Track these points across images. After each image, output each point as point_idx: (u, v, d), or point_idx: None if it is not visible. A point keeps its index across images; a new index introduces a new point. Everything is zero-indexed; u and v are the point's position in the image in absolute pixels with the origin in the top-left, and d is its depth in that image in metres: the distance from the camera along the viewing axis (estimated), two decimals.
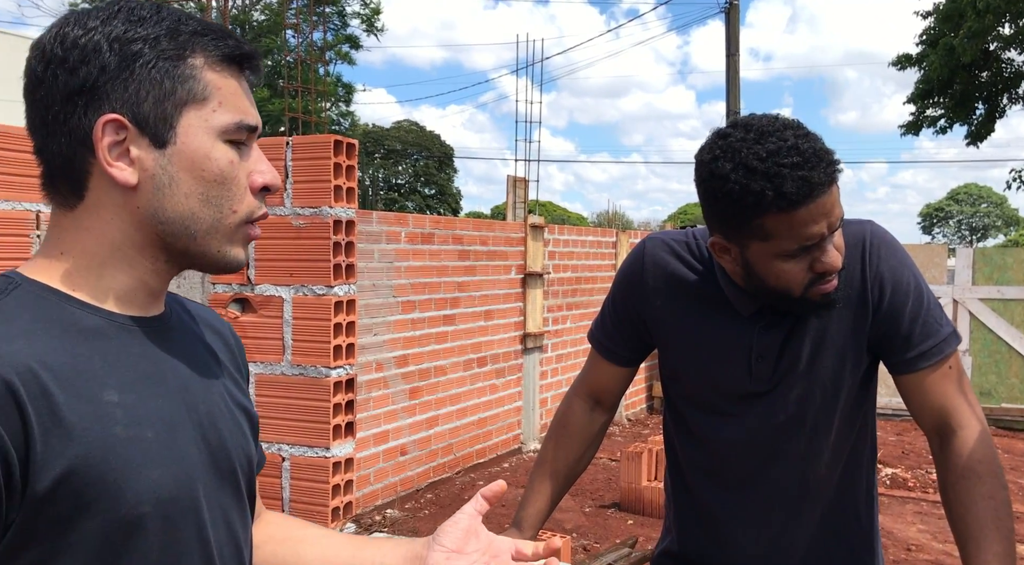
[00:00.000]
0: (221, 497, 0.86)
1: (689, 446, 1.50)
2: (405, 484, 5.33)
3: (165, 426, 0.79)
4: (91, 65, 0.77)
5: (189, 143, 0.80)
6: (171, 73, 0.79)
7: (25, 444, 0.69)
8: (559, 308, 7.09)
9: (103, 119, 0.77)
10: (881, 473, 6.11)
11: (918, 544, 4.67)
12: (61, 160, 0.79)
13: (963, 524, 1.23)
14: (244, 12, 27.96)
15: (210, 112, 0.80)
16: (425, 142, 37.87)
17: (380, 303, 4.97)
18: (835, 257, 1.26)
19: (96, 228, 0.80)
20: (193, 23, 0.81)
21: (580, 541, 4.58)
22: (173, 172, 0.80)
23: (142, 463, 0.75)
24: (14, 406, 0.69)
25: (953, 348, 1.35)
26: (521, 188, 7.12)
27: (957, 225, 64.31)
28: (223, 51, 0.81)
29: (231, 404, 0.91)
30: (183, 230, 0.81)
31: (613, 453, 6.16)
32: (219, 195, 0.81)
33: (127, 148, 0.78)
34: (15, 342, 0.72)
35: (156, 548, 0.77)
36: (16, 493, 0.69)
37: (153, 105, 0.78)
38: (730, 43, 14.10)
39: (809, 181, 1.17)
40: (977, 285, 8.32)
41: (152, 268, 0.83)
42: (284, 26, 16.18)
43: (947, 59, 12.48)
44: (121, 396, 0.76)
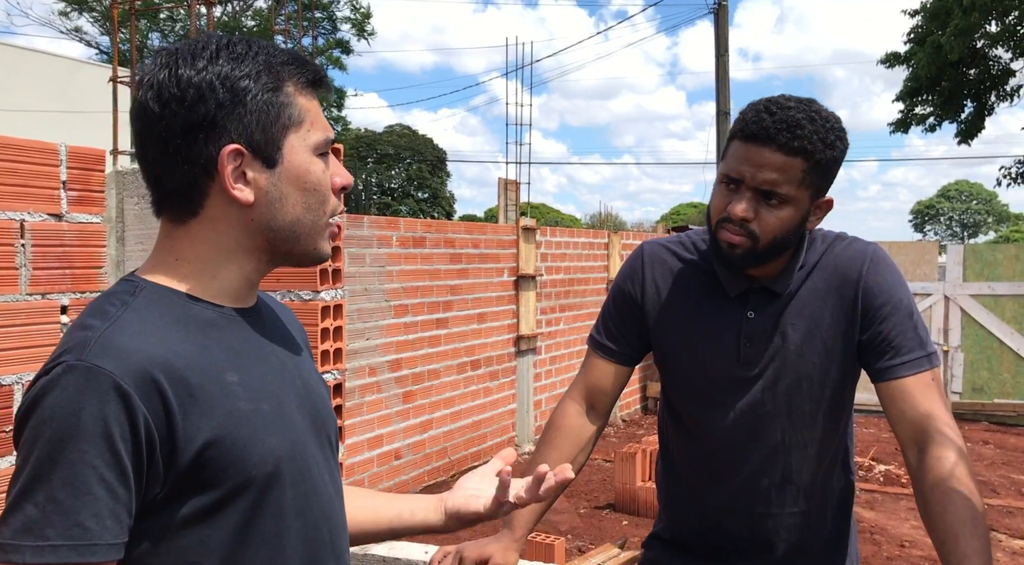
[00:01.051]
0: (323, 457, 1.00)
1: (680, 433, 1.56)
2: (400, 488, 5.32)
3: (275, 400, 0.93)
4: (208, 102, 0.89)
5: (293, 161, 0.93)
6: (273, 102, 0.92)
7: (168, 425, 0.82)
8: (552, 310, 7.10)
9: (227, 150, 0.89)
10: (874, 470, 6.13)
11: (911, 540, 4.69)
12: (183, 185, 0.91)
13: (942, 523, 1.25)
14: (234, 18, 27.94)
15: (306, 132, 0.94)
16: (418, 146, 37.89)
17: (373, 307, 4.97)
18: (741, 206, 1.35)
19: (211, 239, 0.93)
20: (280, 55, 0.94)
21: (575, 542, 4.59)
22: (283, 188, 0.93)
23: (262, 431, 0.89)
24: (158, 394, 0.81)
25: (936, 365, 1.41)
26: (512, 191, 7.13)
27: (948, 222, 64.59)
28: (307, 77, 0.95)
29: (317, 378, 1.05)
30: (291, 234, 0.95)
31: (608, 454, 6.16)
32: (316, 201, 0.95)
33: (243, 171, 0.91)
34: (153, 337, 0.85)
35: (285, 499, 0.91)
36: (159, 466, 0.82)
37: (262, 132, 0.91)
38: (719, 43, 14.14)
39: (760, 124, 1.33)
40: (968, 281, 8.36)
41: (256, 267, 0.97)
42: (273, 32, 16.17)
43: (935, 57, 12.55)
44: (240, 376, 0.90)
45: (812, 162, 1.33)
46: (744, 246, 1.37)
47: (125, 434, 0.79)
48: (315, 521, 0.96)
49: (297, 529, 0.94)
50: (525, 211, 7.56)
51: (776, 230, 1.36)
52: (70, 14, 26.21)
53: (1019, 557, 4.60)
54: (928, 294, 8.45)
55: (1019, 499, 5.64)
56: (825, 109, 1.38)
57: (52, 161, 2.17)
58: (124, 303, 0.87)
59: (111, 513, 0.78)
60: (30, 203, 2.08)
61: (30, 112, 15.56)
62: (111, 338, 0.82)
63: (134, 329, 0.84)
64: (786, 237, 1.38)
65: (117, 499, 0.79)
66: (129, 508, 0.81)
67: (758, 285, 1.46)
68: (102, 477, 0.78)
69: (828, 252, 1.48)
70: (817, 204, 1.41)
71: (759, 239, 1.36)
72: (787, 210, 1.35)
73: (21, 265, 1.97)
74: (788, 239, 1.39)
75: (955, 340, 8.42)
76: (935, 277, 8.58)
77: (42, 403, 0.79)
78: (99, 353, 0.80)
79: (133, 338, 0.83)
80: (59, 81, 17.55)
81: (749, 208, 1.35)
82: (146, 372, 0.81)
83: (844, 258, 1.46)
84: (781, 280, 1.45)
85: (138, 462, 0.81)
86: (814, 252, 1.48)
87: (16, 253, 1.95)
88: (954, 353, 8.42)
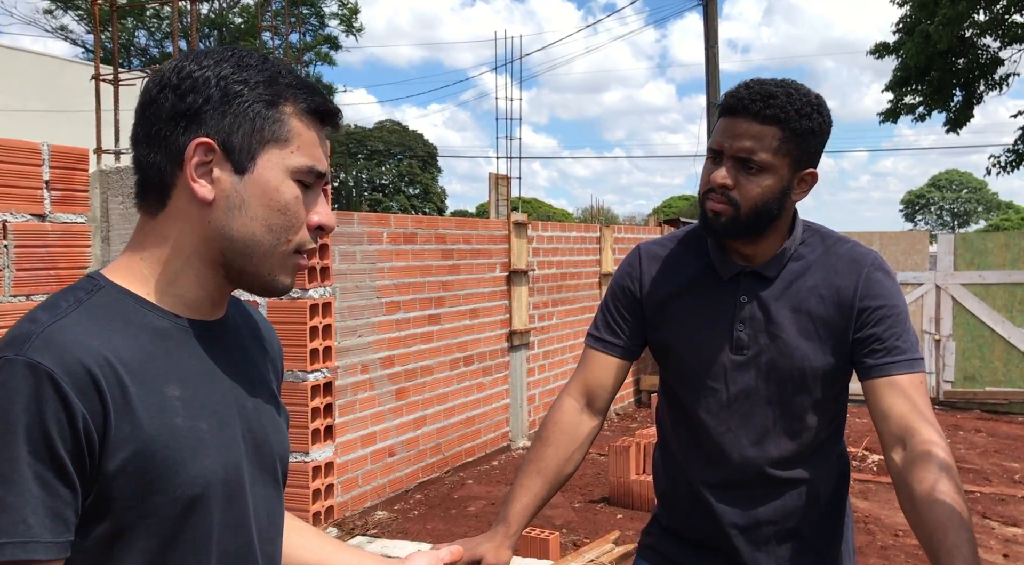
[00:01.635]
0: (262, 485, 0.97)
1: (676, 419, 1.59)
2: (394, 485, 5.31)
3: (217, 419, 0.90)
4: (198, 94, 0.89)
5: (264, 175, 0.91)
6: (263, 114, 0.91)
7: (104, 425, 0.80)
8: (544, 305, 7.09)
9: (197, 140, 0.89)
10: (868, 460, 6.15)
11: (906, 529, 4.70)
12: (154, 171, 0.91)
13: (930, 515, 1.26)
14: (221, 15, 27.77)
15: (288, 153, 0.92)
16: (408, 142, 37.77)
17: (364, 305, 4.95)
18: (721, 175, 1.42)
19: (172, 236, 0.91)
20: (291, 77, 0.94)
21: (570, 537, 4.58)
22: (245, 196, 0.91)
23: (197, 450, 0.87)
24: (95, 391, 0.80)
25: (923, 370, 1.45)
26: (504, 185, 7.10)
27: (939, 211, 64.85)
28: (310, 104, 0.94)
29: (271, 402, 1.02)
30: (243, 249, 0.92)
31: (601, 448, 6.16)
32: (279, 223, 0.92)
33: (211, 169, 0.90)
34: (97, 337, 0.83)
35: (206, 525, 0.88)
36: (95, 467, 0.80)
37: (242, 138, 0.90)
38: (708, 36, 14.12)
39: (736, 97, 1.42)
40: (959, 270, 8.38)
41: (214, 282, 0.94)
42: (260, 29, 16.08)
43: (923, 46, 12.56)
44: (181, 390, 0.87)
45: (787, 131, 1.40)
46: (727, 213, 1.42)
47: (64, 432, 0.78)
48: (239, 551, 0.92)
49: (218, 556, 0.90)
50: (517, 206, 7.54)
51: (756, 198, 1.41)
52: (55, 12, 26.01)
53: (1011, 544, 4.62)
54: (919, 283, 8.48)
55: (1011, 487, 5.67)
56: (805, 87, 1.45)
57: (34, 161, 2.14)
58: (78, 301, 0.86)
59: (49, 511, 0.77)
60: (12, 203, 2.05)
61: (14, 112, 15.43)
62: (54, 334, 0.81)
63: (80, 327, 0.83)
64: (768, 206, 1.43)
65: (57, 497, 0.78)
66: (74, 506, 0.79)
67: (749, 269, 1.50)
68: (39, 474, 0.77)
69: (830, 251, 1.52)
70: (800, 176, 1.45)
71: (740, 207, 1.42)
72: (767, 178, 1.41)
73: (4, 266, 1.94)
74: (770, 208, 1.43)
75: (946, 329, 8.45)
76: (926, 266, 8.60)
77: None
78: (39, 348, 0.79)
79: (76, 335, 0.82)
80: (44, 80, 17.41)
81: (728, 176, 1.41)
82: (85, 369, 0.80)
83: (847, 259, 1.50)
84: (771, 265, 1.49)
85: (79, 461, 0.79)
86: (812, 248, 1.52)
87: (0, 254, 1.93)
88: (946, 342, 8.45)
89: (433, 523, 4.88)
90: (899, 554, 4.41)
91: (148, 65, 25.50)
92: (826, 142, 1.48)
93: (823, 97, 1.45)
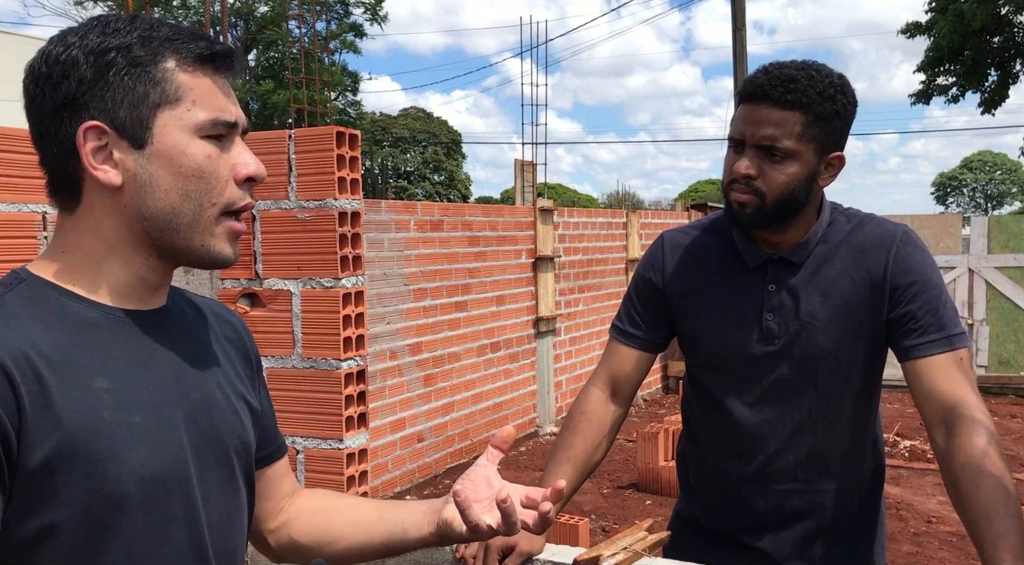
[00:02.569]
0: (215, 478, 0.91)
1: (706, 410, 1.56)
2: (423, 471, 5.36)
3: (153, 411, 0.84)
4: (71, 79, 0.82)
5: (165, 142, 0.84)
6: (143, 78, 0.83)
7: (19, 422, 0.75)
8: (571, 291, 7.08)
9: (83, 127, 0.82)
10: (900, 446, 6.09)
11: (938, 516, 4.66)
12: (57, 168, 0.85)
13: (974, 503, 1.23)
14: (247, 5, 27.90)
15: (184, 111, 0.84)
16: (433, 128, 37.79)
17: (392, 292, 4.98)
18: (743, 164, 1.38)
19: (92, 228, 0.85)
20: (165, 29, 0.85)
21: (599, 522, 4.60)
22: (152, 171, 0.84)
23: (127, 444, 0.81)
24: (9, 387, 0.75)
25: (964, 345, 1.39)
26: (529, 172, 7.09)
27: (972, 194, 63.63)
28: (194, 53, 0.85)
29: (229, 392, 0.95)
30: (166, 225, 0.85)
31: (630, 434, 6.16)
32: (197, 189, 0.85)
33: (110, 152, 0.83)
34: (13, 331, 0.78)
35: (141, 524, 0.82)
36: (14, 466, 0.75)
37: (128, 110, 0.83)
38: (736, 17, 13.93)
39: (756, 83, 1.37)
40: (993, 253, 8.24)
41: (147, 264, 0.88)
42: (287, 17, 16.14)
43: (957, 25, 12.30)
44: (111, 383, 0.81)
45: (811, 115, 1.35)
46: (752, 204, 1.39)
47: None
48: (185, 550, 0.86)
49: (160, 556, 0.84)
50: (542, 192, 7.52)
51: (783, 186, 1.37)
52: (85, 3, 26.29)
53: None
54: (952, 267, 8.34)
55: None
56: (828, 68, 1.40)
57: None
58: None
59: None
60: None
61: None
62: None
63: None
64: (794, 194, 1.38)
65: None
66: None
67: (776, 256, 1.46)
68: None
69: (856, 231, 1.47)
70: (826, 161, 1.41)
71: (766, 196, 1.38)
72: (791, 165, 1.37)
73: None
74: (797, 196, 1.39)
75: (980, 313, 8.32)
76: (959, 250, 8.46)
77: None
78: None
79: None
80: None
81: (752, 165, 1.37)
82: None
83: (874, 237, 1.45)
84: (799, 251, 1.45)
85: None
86: (838, 230, 1.47)
87: (39, 245, 1.97)
88: (979, 326, 8.32)
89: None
90: (932, 541, 4.37)
91: None
92: (851, 123, 1.43)
93: (846, 76, 1.40)
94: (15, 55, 17.24)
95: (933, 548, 4.29)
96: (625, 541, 1.47)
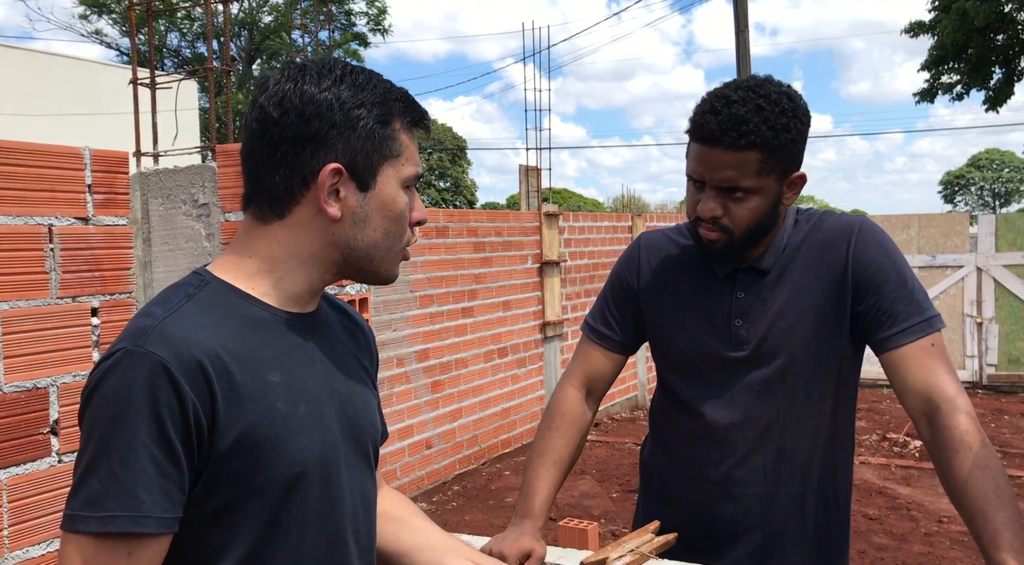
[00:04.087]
0: (356, 464, 1.04)
1: (676, 415, 1.56)
2: (432, 477, 5.36)
3: (314, 403, 0.97)
4: (323, 120, 0.95)
5: (384, 189, 0.99)
6: (380, 133, 0.98)
7: (212, 412, 0.88)
8: (577, 295, 7.08)
9: (330, 167, 0.95)
10: (910, 446, 6.06)
11: (950, 516, 4.63)
12: (277, 188, 0.97)
13: (965, 498, 1.23)
14: (251, 15, 28.04)
15: (400, 165, 1.00)
16: (437, 135, 37.87)
17: (398, 299, 4.99)
18: (707, 207, 1.38)
19: (289, 243, 0.98)
20: (396, 92, 1.01)
21: (608, 527, 4.59)
22: (369, 211, 0.99)
23: (296, 431, 0.94)
24: (205, 382, 0.87)
25: (936, 329, 1.37)
26: (534, 177, 7.10)
27: (979, 192, 63.36)
28: (413, 118, 1.02)
29: (363, 386, 1.09)
30: (367, 255, 1.01)
31: (639, 438, 6.15)
32: (396, 229, 1.01)
33: (337, 188, 0.97)
34: (206, 330, 0.91)
35: (309, 502, 0.95)
36: (204, 450, 0.88)
37: (364, 158, 0.97)
38: (739, 19, 13.93)
39: (706, 127, 1.34)
40: (1001, 251, 8.20)
41: (322, 277, 1.02)
42: (290, 27, 16.22)
43: (961, 23, 12.27)
44: (282, 377, 0.95)
45: (767, 151, 1.33)
46: (721, 240, 1.40)
47: (175, 417, 0.85)
48: (338, 525, 1.00)
49: (320, 530, 0.97)
50: (547, 197, 7.53)
51: (748, 220, 1.38)
52: (90, 17, 26.47)
53: None
54: (960, 266, 8.31)
55: None
56: (775, 91, 1.35)
57: (77, 165, 2.19)
58: (188, 295, 0.94)
59: (161, 489, 0.85)
60: (57, 207, 2.10)
61: (54, 116, 15.76)
62: (167, 327, 0.88)
63: (190, 321, 0.90)
64: (761, 223, 1.40)
65: (167, 477, 0.85)
66: (181, 486, 0.87)
67: (745, 265, 1.47)
68: (152, 455, 0.84)
69: (815, 229, 1.47)
70: (788, 182, 1.40)
71: (734, 232, 1.39)
72: (754, 199, 1.37)
73: (51, 269, 2.00)
74: (764, 224, 1.41)
75: (989, 312, 8.28)
76: (967, 248, 8.42)
77: (102, 386, 0.87)
78: (155, 341, 0.87)
79: (188, 329, 0.89)
80: (81, 84, 17.74)
81: (716, 206, 1.38)
82: (195, 361, 0.87)
83: (832, 233, 1.45)
84: (766, 258, 1.46)
85: (188, 444, 0.86)
86: (799, 231, 1.48)
87: (46, 258, 1.98)
88: (988, 325, 8.28)
89: (471, 514, 4.92)
90: (943, 541, 4.35)
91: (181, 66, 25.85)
92: (807, 138, 1.40)
93: (794, 91, 1.38)
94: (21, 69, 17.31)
95: (944, 548, 4.26)
96: (632, 543, 1.47)
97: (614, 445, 6.36)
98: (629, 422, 7.26)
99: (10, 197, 2.00)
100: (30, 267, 1.95)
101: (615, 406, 7.41)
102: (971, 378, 8.29)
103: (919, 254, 8.38)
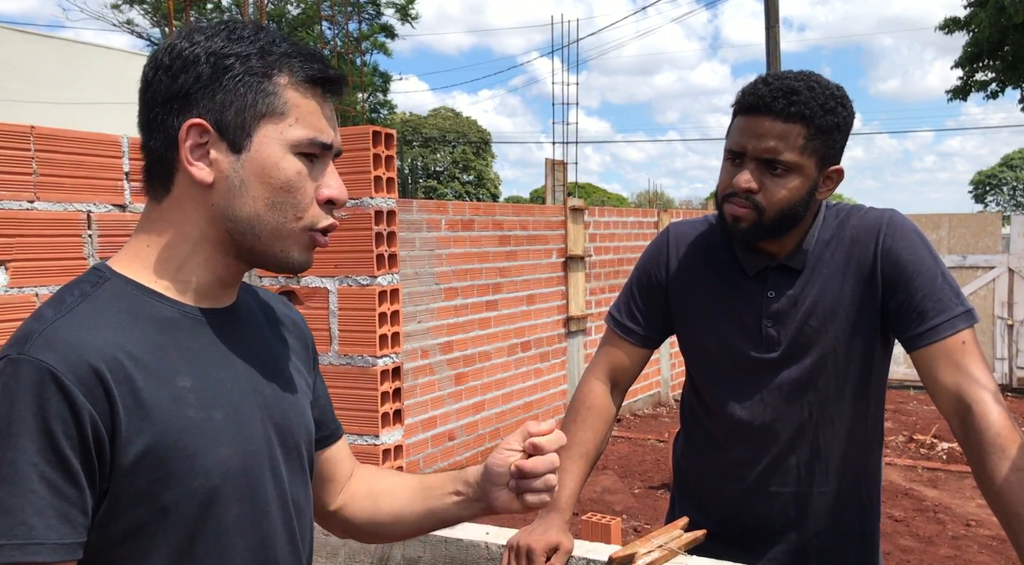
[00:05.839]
0: (289, 469, 0.95)
1: (708, 416, 1.55)
2: (454, 469, 5.37)
3: (232, 408, 0.88)
4: (188, 74, 0.86)
5: (262, 151, 0.87)
6: (255, 87, 0.86)
7: (112, 423, 0.78)
8: (601, 290, 7.07)
9: (188, 122, 0.85)
10: (937, 448, 5.99)
11: (977, 519, 4.57)
12: (156, 156, 0.88)
13: (1002, 502, 1.22)
14: (279, 7, 28.19)
15: (286, 126, 0.87)
16: (462, 128, 37.89)
17: (423, 291, 5.01)
18: (743, 178, 1.34)
19: (178, 222, 0.89)
20: (286, 45, 0.89)
21: (630, 522, 4.58)
22: (244, 176, 0.87)
23: (212, 441, 0.84)
24: (103, 390, 0.78)
25: (967, 325, 1.34)
26: (560, 171, 7.09)
27: (1012, 192, 62.26)
28: (307, 73, 0.89)
29: (294, 384, 1.00)
30: (249, 230, 0.88)
31: (661, 434, 6.13)
32: (283, 201, 0.88)
33: (208, 150, 0.87)
34: (103, 333, 0.81)
35: (231, 516, 0.86)
36: (106, 466, 0.78)
37: (235, 114, 0.86)
38: (769, 15, 13.78)
39: (756, 94, 1.33)
40: None
41: (224, 263, 0.91)
42: (319, 18, 16.28)
43: (997, 20, 12.06)
44: (193, 381, 0.85)
45: (812, 128, 1.32)
46: (749, 219, 1.36)
47: (69, 430, 0.75)
48: (263, 541, 0.91)
49: (243, 548, 0.88)
50: (572, 191, 7.51)
51: (783, 201, 1.34)
52: (121, 7, 26.75)
53: None
54: (991, 267, 8.18)
55: None
56: (826, 80, 1.37)
57: (115, 153, 2.22)
58: (84, 294, 0.84)
59: (56, 512, 0.75)
60: (95, 194, 2.13)
61: (85, 105, 15.95)
62: (58, 331, 0.79)
63: (85, 323, 0.81)
64: (794, 208, 1.36)
65: (64, 498, 0.75)
66: (83, 507, 0.77)
67: (776, 263, 1.44)
68: (43, 475, 0.74)
69: (843, 225, 1.45)
70: (826, 174, 1.38)
71: (765, 211, 1.35)
72: (793, 179, 1.34)
73: (89, 255, 2.03)
74: (796, 210, 1.36)
75: (1020, 314, 8.14)
76: (998, 249, 8.29)
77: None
78: (42, 347, 0.77)
79: (81, 332, 0.79)
80: (113, 73, 17.95)
81: (752, 179, 1.34)
82: (90, 367, 0.77)
83: (860, 229, 1.43)
84: (798, 256, 1.43)
85: (87, 461, 0.77)
86: (827, 227, 1.45)
87: (84, 243, 2.01)
88: (1019, 327, 8.14)
89: None
90: (971, 544, 4.29)
91: None
92: (848, 136, 1.40)
93: (844, 88, 1.38)
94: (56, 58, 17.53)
95: (972, 552, 4.21)
96: (660, 539, 1.47)
97: (636, 441, 6.34)
98: (652, 418, 7.24)
99: (49, 183, 2.03)
100: (70, 253, 1.98)
101: (638, 402, 7.39)
102: (1001, 381, 8.16)
103: (949, 254, 8.25)
